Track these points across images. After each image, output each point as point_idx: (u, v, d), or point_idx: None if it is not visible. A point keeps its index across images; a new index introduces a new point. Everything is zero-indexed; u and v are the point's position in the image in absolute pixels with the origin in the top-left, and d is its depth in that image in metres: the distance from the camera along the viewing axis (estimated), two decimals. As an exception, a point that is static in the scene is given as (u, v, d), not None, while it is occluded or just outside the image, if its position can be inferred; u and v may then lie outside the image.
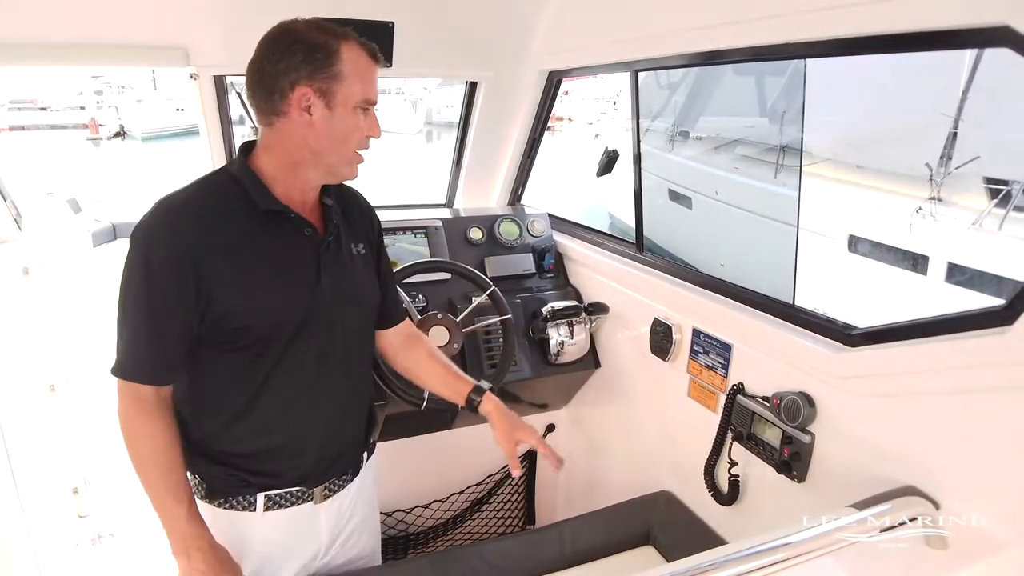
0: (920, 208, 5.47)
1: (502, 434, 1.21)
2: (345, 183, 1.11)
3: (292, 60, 0.94)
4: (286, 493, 1.09)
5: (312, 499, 1.11)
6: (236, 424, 1.04)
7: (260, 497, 1.07)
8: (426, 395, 1.50)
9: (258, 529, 1.09)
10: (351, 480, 1.18)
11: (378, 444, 1.86)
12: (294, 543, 1.13)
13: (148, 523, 1.07)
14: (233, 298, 0.97)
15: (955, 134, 5.58)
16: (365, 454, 1.23)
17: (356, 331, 1.13)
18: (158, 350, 0.97)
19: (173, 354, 0.98)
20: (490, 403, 1.24)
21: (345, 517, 1.19)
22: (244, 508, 1.07)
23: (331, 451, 1.13)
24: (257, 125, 1.03)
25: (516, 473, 1.21)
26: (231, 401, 1.03)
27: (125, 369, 0.97)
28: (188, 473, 1.06)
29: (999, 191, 5.26)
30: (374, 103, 1.01)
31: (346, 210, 1.13)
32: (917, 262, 5.34)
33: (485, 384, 1.25)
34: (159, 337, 0.96)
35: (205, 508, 1.07)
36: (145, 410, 0.98)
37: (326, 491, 1.13)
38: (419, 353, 1.30)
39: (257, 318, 0.99)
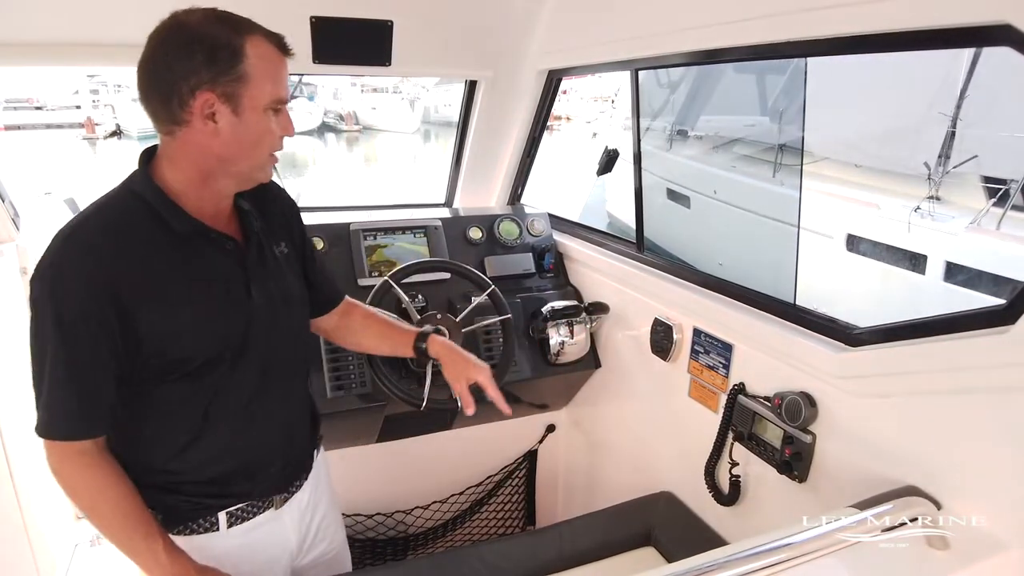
0: (918, 207, 5.48)
1: (452, 374, 1.21)
2: None
3: (190, 62, 0.83)
4: (247, 506, 1.05)
5: (272, 506, 1.09)
6: (185, 453, 0.98)
7: (222, 515, 1.02)
8: (426, 395, 1.49)
9: (225, 547, 1.04)
10: (306, 479, 1.16)
11: (380, 445, 1.89)
12: (265, 551, 1.10)
13: None
14: (164, 332, 0.89)
15: (953, 133, 5.59)
16: (315, 451, 1.20)
17: (292, 336, 1.08)
18: (86, 403, 0.88)
19: (103, 402, 0.89)
20: (437, 344, 1.24)
21: (308, 514, 1.17)
22: (207, 530, 1.02)
23: (286, 461, 1.10)
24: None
25: (470, 411, 1.20)
26: (177, 431, 0.97)
27: (53, 429, 0.88)
28: None
29: (997, 190, 5.27)
30: (286, 102, 0.92)
31: (264, 211, 1.05)
32: (915, 261, 5.35)
33: (429, 327, 1.25)
34: (85, 390, 0.87)
35: None
36: (86, 463, 0.90)
37: (284, 496, 1.11)
38: (355, 321, 1.27)
39: (194, 348, 0.92)
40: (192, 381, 0.94)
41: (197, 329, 0.93)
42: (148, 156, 0.94)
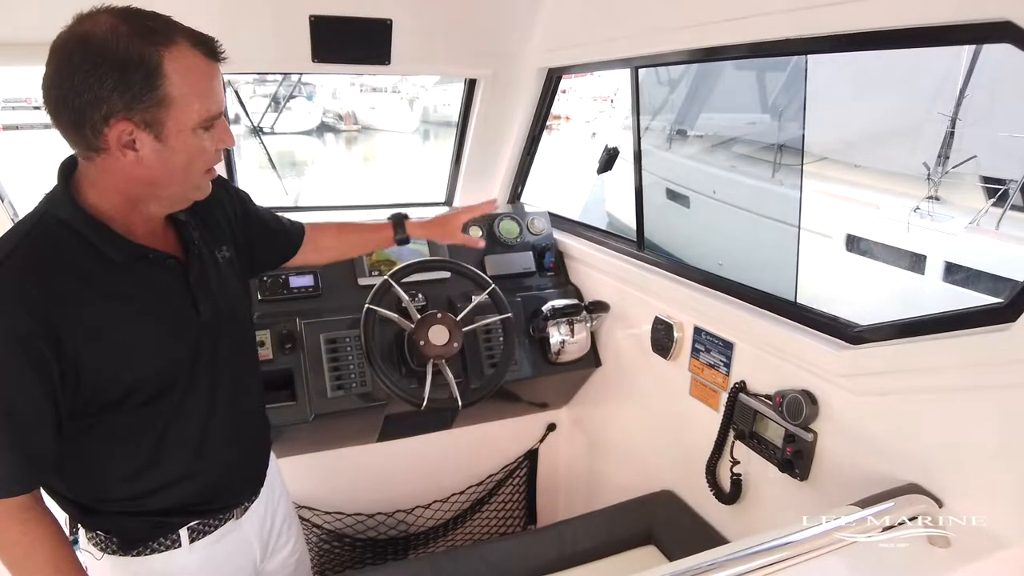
0: (918, 207, 5.48)
1: (444, 235, 1.38)
2: None
3: (100, 88, 0.72)
4: (208, 519, 1.01)
5: (233, 517, 1.05)
6: (140, 481, 0.92)
7: (183, 532, 0.97)
8: (426, 394, 1.49)
9: (189, 562, 0.99)
10: (262, 486, 1.12)
11: (380, 444, 1.88)
12: (229, 562, 1.06)
13: None
14: (106, 366, 0.81)
15: (952, 133, 5.60)
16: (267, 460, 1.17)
17: (242, 349, 1.04)
18: (26, 457, 0.80)
19: (44, 452, 0.81)
20: (416, 228, 1.35)
21: (268, 520, 1.14)
22: (168, 547, 0.97)
23: (245, 476, 1.08)
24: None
25: (479, 244, 1.43)
26: (131, 460, 0.90)
27: None
28: (89, 532, 0.96)
29: (996, 190, 5.27)
30: (220, 114, 0.82)
31: (203, 217, 0.97)
32: (914, 261, 5.35)
33: (401, 214, 1.35)
34: (24, 442, 0.79)
35: (122, 561, 0.95)
36: (20, 519, 0.82)
37: (245, 506, 1.07)
38: (329, 239, 1.30)
39: (142, 378, 0.85)
40: (144, 409, 0.88)
41: (146, 357, 0.86)
42: (68, 170, 0.83)
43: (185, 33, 0.77)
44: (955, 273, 5.15)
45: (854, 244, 5.80)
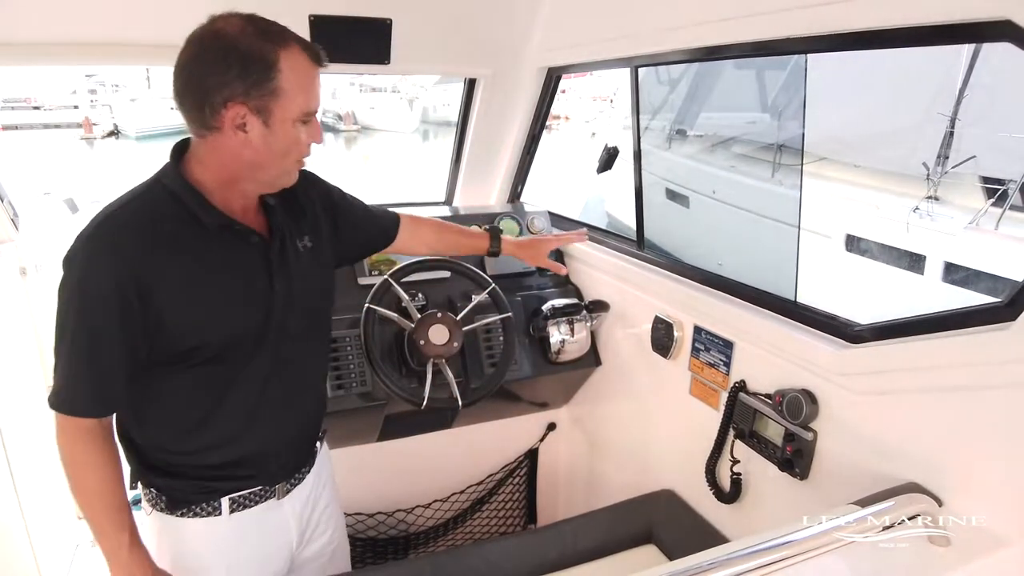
0: (917, 207, 5.48)
1: (532, 258, 1.54)
2: None
3: (225, 74, 0.86)
4: (250, 494, 1.07)
5: (275, 496, 1.10)
6: (194, 436, 1.01)
7: (225, 501, 1.04)
8: (426, 394, 1.49)
9: (225, 532, 1.06)
10: (309, 471, 1.18)
11: (380, 444, 1.88)
12: (264, 541, 1.12)
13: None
14: (185, 319, 0.93)
15: (952, 133, 5.60)
16: (319, 443, 1.22)
17: (310, 330, 1.10)
18: (99, 384, 0.92)
19: (116, 385, 0.93)
20: (509, 245, 1.49)
21: (310, 507, 1.18)
22: (209, 514, 1.04)
23: (293, 452, 1.13)
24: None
25: (564, 270, 1.65)
26: (189, 415, 1.00)
27: (64, 403, 0.92)
28: (144, 488, 1.04)
29: (995, 190, 5.28)
30: (315, 112, 0.95)
31: (289, 206, 1.08)
32: (914, 261, 5.35)
33: (497, 227, 1.49)
34: (100, 370, 0.91)
35: (168, 520, 1.04)
36: (88, 440, 0.94)
37: (287, 486, 1.12)
38: (428, 232, 1.40)
39: (214, 336, 0.95)
40: (208, 368, 0.97)
41: (217, 318, 0.96)
42: (180, 150, 0.97)
43: (297, 39, 0.91)
44: (955, 273, 5.15)
45: (854, 244, 5.80)
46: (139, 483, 1.05)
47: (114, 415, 0.99)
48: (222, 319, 0.96)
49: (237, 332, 0.97)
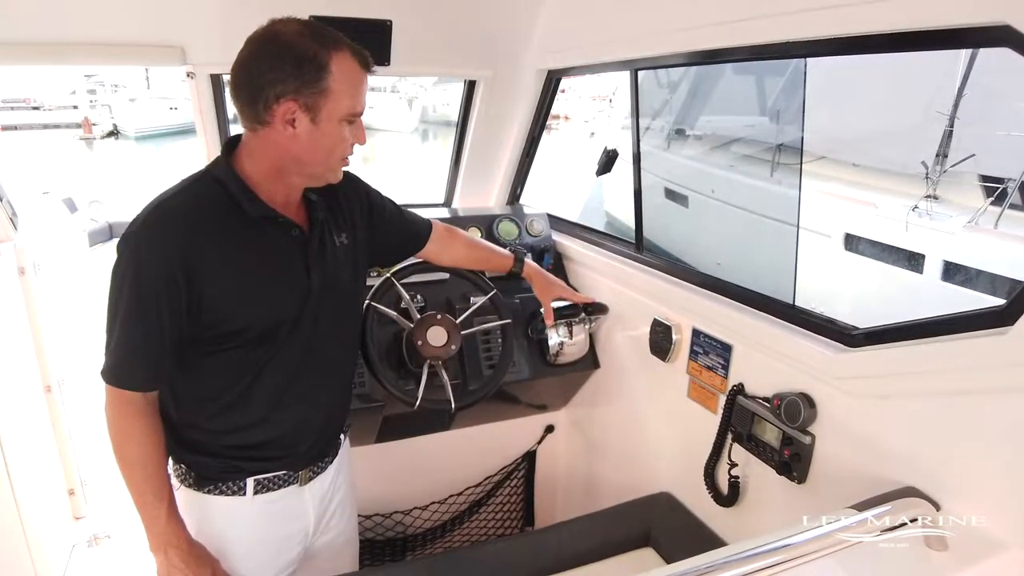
0: (916, 206, 5.49)
1: (539, 291, 1.59)
2: None
3: (280, 71, 0.92)
4: (274, 477, 1.12)
5: (297, 481, 1.15)
6: (224, 417, 1.06)
7: (250, 482, 1.09)
8: (420, 395, 1.49)
9: (248, 513, 1.11)
10: (332, 461, 1.22)
11: (378, 445, 1.88)
12: (284, 525, 1.16)
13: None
14: (227, 304, 0.98)
15: (951, 132, 5.60)
16: (342, 435, 1.27)
17: (342, 322, 1.16)
18: (149, 359, 0.98)
19: (164, 360, 0.99)
20: (530, 269, 1.57)
21: (328, 497, 1.23)
22: (234, 493, 1.09)
23: (318, 439, 1.17)
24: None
25: (549, 321, 1.62)
26: (223, 395, 1.05)
27: (115, 376, 0.98)
28: (175, 463, 1.10)
29: (994, 189, 5.28)
30: (361, 114, 1.01)
31: (330, 204, 1.13)
32: (913, 260, 5.36)
33: (522, 252, 1.57)
34: (150, 346, 0.97)
35: (194, 496, 1.09)
36: (133, 413, 1.00)
37: (310, 473, 1.17)
38: (458, 249, 1.46)
39: (251, 321, 1.01)
40: (245, 351, 1.02)
41: (256, 303, 1.01)
42: (231, 145, 1.03)
43: (348, 45, 0.96)
44: (954, 272, 5.16)
45: (853, 243, 5.81)
46: (170, 458, 1.10)
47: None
48: (259, 305, 1.01)
49: (272, 319, 1.03)
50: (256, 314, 1.01)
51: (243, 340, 1.01)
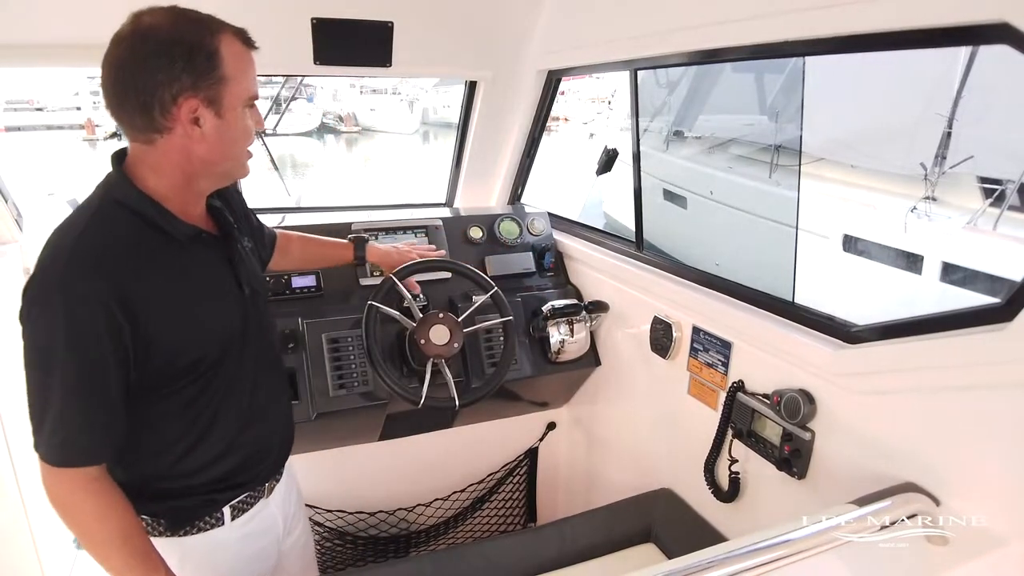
0: (915, 208, 5.49)
1: (390, 268, 1.52)
2: None
3: (171, 69, 0.82)
4: (247, 497, 1.07)
5: (264, 495, 1.12)
6: (194, 457, 0.98)
7: (226, 510, 1.04)
8: (424, 393, 1.50)
9: (228, 540, 1.06)
10: (284, 464, 1.19)
11: (382, 443, 1.89)
12: (260, 539, 1.13)
13: None
14: (178, 337, 0.90)
15: (949, 133, 5.60)
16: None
17: (270, 325, 1.13)
18: (102, 425, 0.86)
19: (119, 422, 0.87)
20: (373, 253, 1.52)
21: (288, 501, 1.21)
22: (213, 526, 1.03)
23: (281, 448, 1.15)
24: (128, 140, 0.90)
25: (416, 289, 1.57)
26: (186, 434, 0.97)
27: (64, 456, 0.85)
28: (140, 516, 0.97)
29: (993, 190, 5.28)
30: (257, 96, 0.94)
31: (230, 207, 1.08)
32: (912, 262, 5.36)
33: (363, 237, 1.52)
34: (100, 411, 0.85)
35: (168, 542, 1.00)
36: (94, 489, 0.87)
37: (274, 483, 1.14)
38: (295, 248, 1.40)
39: (206, 349, 0.94)
40: (201, 382, 0.95)
41: (206, 330, 0.95)
42: (120, 159, 0.91)
43: (227, 25, 0.89)
44: (953, 273, 5.15)
45: (851, 244, 5.81)
46: None
47: None
48: (208, 329, 0.95)
49: (223, 340, 0.96)
50: (208, 340, 0.94)
51: (199, 371, 0.94)
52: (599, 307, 1.83)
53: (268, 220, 1.45)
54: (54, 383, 0.83)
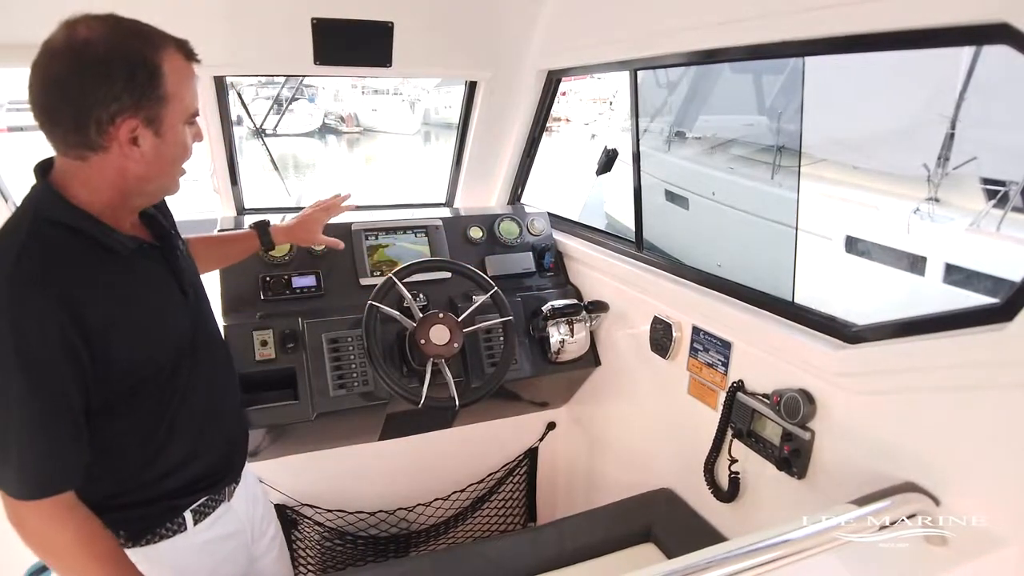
0: (918, 209, 5.48)
1: (307, 239, 1.48)
2: None
3: (110, 88, 0.77)
4: (207, 500, 1.05)
5: (226, 498, 1.10)
6: (152, 467, 0.96)
7: (188, 515, 1.02)
8: (424, 393, 1.50)
9: (192, 545, 1.04)
10: (243, 466, 1.18)
11: (382, 443, 1.90)
12: (226, 543, 1.11)
13: None
14: (132, 350, 0.87)
15: (952, 135, 5.59)
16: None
17: (215, 328, 1.12)
18: (70, 448, 0.83)
19: (83, 441, 0.85)
20: (280, 233, 1.43)
21: (251, 501, 1.19)
22: (175, 532, 1.01)
23: (234, 450, 1.14)
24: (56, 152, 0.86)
25: (340, 246, 1.52)
26: (145, 446, 0.95)
27: (32, 488, 0.81)
28: None
29: (996, 192, 5.27)
30: (198, 113, 0.91)
31: (163, 214, 1.05)
32: (915, 263, 5.35)
33: (264, 221, 1.43)
34: (67, 433, 0.82)
35: (134, 553, 0.96)
36: (72, 517, 0.84)
37: (233, 486, 1.13)
38: (200, 250, 1.28)
39: (161, 358, 0.93)
40: (157, 393, 0.94)
41: (160, 339, 0.93)
42: (44, 171, 0.88)
43: (169, 38, 0.85)
44: (956, 275, 5.14)
45: (854, 246, 5.80)
46: None
47: None
48: (163, 337, 0.94)
49: (176, 347, 0.96)
50: (162, 350, 0.93)
51: (156, 382, 0.93)
52: (599, 307, 1.83)
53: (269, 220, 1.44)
54: (13, 413, 0.79)
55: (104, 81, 0.78)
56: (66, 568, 0.87)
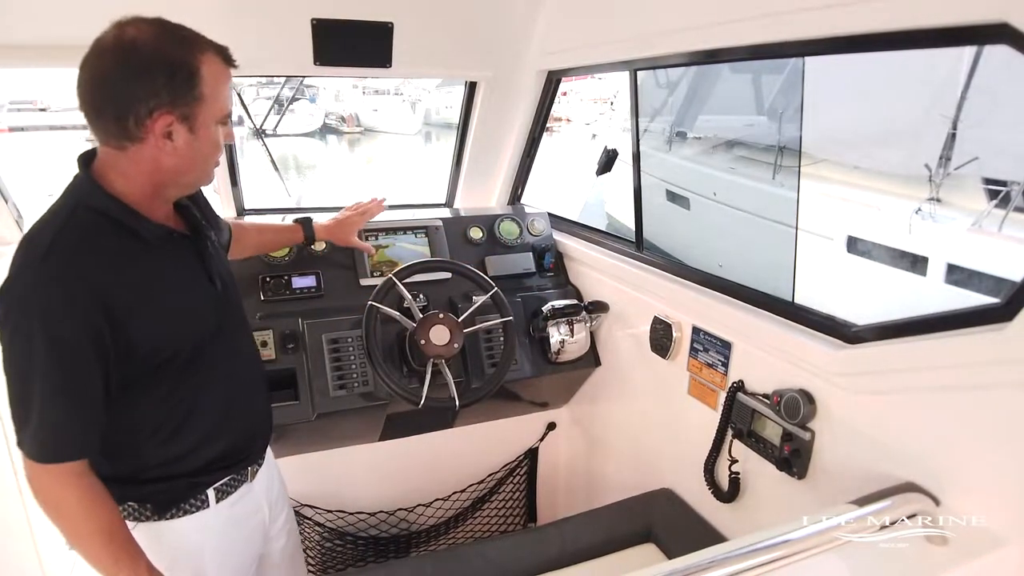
0: (919, 209, 5.47)
1: (340, 240, 1.65)
2: None
3: (151, 84, 0.85)
4: (230, 480, 1.11)
5: (247, 478, 1.15)
6: (175, 444, 1.02)
7: (211, 492, 1.08)
8: (424, 393, 1.50)
9: (214, 522, 1.10)
10: (266, 449, 1.23)
11: (382, 443, 1.90)
12: (245, 523, 1.17)
13: None
14: (155, 333, 0.93)
15: (954, 135, 5.58)
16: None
17: (243, 315, 1.18)
18: (85, 421, 0.89)
19: (101, 418, 0.91)
20: (320, 231, 1.61)
21: (271, 486, 1.25)
22: (199, 508, 1.07)
23: (257, 433, 1.18)
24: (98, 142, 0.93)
25: (371, 251, 1.75)
26: (162, 428, 1.00)
27: (48, 452, 0.88)
28: (122, 504, 1.01)
29: (998, 192, 5.26)
30: (231, 114, 0.98)
31: (198, 205, 1.11)
32: (916, 263, 5.34)
33: (308, 217, 1.59)
34: (83, 407, 0.88)
35: (156, 527, 1.03)
36: (79, 484, 0.90)
37: (256, 467, 1.18)
38: (251, 236, 1.46)
39: (181, 343, 0.98)
40: (178, 376, 0.99)
41: (182, 323, 0.99)
42: (87, 161, 0.94)
43: (211, 43, 0.92)
44: (957, 275, 5.14)
45: (855, 246, 5.79)
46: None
47: None
48: (186, 323, 0.99)
49: (198, 334, 1.01)
50: (184, 336, 0.98)
51: (177, 366, 0.97)
52: (599, 307, 1.83)
53: (269, 221, 1.46)
54: (33, 382, 0.86)
55: (146, 78, 0.85)
56: (70, 531, 0.92)
